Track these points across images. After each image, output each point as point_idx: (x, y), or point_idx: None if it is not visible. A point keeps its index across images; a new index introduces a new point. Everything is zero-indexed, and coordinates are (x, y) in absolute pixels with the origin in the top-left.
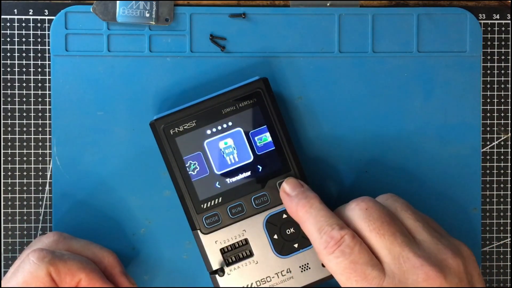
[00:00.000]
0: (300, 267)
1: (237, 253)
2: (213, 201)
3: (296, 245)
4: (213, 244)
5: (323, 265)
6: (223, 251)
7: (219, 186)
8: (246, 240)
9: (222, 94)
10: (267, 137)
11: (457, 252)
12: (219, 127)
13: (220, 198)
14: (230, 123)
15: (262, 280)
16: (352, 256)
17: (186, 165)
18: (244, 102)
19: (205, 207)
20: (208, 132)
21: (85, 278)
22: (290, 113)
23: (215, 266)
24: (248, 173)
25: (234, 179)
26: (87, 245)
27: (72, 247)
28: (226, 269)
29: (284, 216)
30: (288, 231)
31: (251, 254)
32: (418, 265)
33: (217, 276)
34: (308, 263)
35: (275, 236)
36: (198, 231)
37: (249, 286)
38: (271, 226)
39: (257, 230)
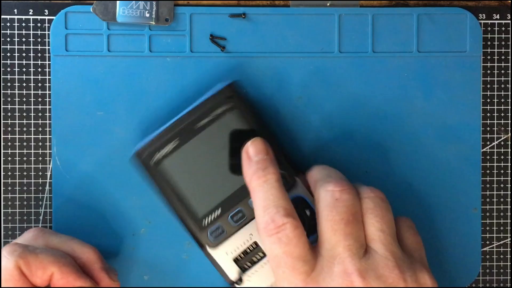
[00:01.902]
0: None
1: (250, 258)
2: (213, 214)
3: None
4: (225, 256)
5: None
6: (236, 260)
7: (215, 197)
8: (255, 243)
9: (195, 108)
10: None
11: (408, 275)
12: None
13: (220, 209)
14: (211, 133)
15: None
16: (287, 247)
17: (179, 186)
18: (219, 110)
19: (207, 222)
20: (192, 146)
21: (57, 272)
22: (290, 113)
23: (233, 277)
24: (240, 177)
25: (228, 186)
26: (66, 241)
27: (50, 242)
28: (244, 277)
29: None
30: None
31: (264, 255)
32: (349, 272)
33: (236, 286)
34: None
35: None
36: (207, 247)
37: (270, 286)
38: None
39: None
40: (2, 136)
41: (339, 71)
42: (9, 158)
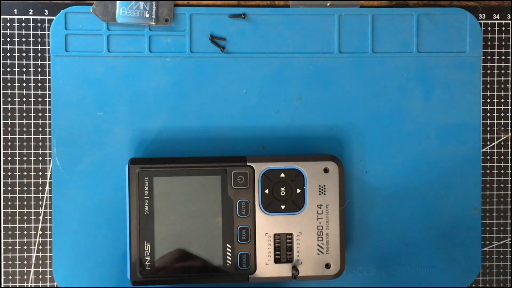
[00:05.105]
0: None
1: (285, 247)
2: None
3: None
4: (267, 266)
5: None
6: (278, 260)
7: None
8: (275, 234)
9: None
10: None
11: None
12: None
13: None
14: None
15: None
16: None
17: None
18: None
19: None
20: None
21: None
22: (289, 113)
23: (289, 274)
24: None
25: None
26: None
27: None
28: (298, 266)
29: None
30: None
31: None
32: None
33: (297, 279)
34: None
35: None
36: (249, 277)
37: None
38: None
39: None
40: (2, 136)
41: (339, 71)
42: (9, 158)
